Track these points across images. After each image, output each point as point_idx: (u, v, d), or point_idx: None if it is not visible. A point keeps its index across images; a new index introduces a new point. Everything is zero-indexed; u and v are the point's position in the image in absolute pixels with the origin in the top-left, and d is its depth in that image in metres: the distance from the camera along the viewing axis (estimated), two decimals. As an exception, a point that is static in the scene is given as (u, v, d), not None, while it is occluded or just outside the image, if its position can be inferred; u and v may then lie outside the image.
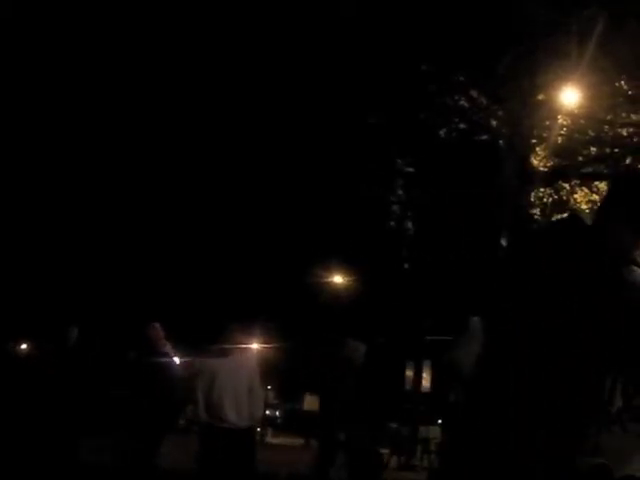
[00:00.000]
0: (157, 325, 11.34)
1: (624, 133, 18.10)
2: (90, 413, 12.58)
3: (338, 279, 32.25)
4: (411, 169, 19.52)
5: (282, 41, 17.58)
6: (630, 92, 17.70)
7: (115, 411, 11.69)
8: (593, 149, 18.35)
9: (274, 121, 18.20)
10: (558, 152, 18.39)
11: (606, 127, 18.11)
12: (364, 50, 17.48)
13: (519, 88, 17.96)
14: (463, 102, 18.53)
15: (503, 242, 18.67)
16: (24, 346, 20.75)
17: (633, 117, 17.98)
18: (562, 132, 18.20)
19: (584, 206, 18.61)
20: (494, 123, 18.59)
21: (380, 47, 17.50)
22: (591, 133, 18.14)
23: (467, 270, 18.35)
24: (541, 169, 18.59)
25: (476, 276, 18.08)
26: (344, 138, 18.14)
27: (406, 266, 22.79)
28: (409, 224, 21.89)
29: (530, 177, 18.61)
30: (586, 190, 18.69)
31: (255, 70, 18.04)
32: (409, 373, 38.11)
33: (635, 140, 18.03)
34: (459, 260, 19.07)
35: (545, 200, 18.97)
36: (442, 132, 18.74)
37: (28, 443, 11.52)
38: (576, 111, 17.94)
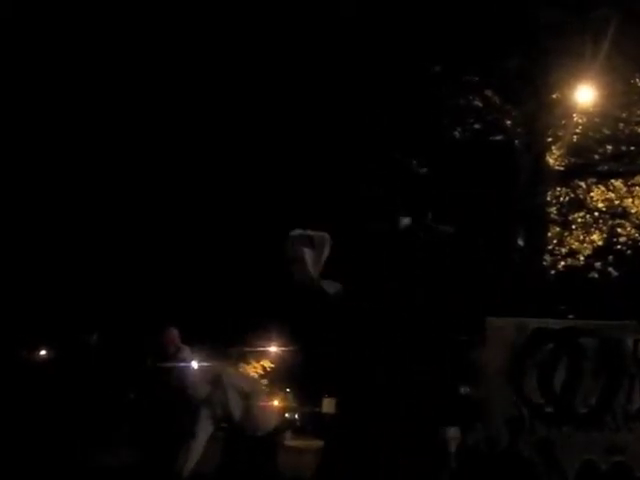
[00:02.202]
0: (174, 330, 11.35)
1: (639, 130, 18.04)
2: (108, 418, 12.63)
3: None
4: (425, 170, 19.47)
5: (291, 41, 17.61)
6: (645, 89, 17.67)
7: (133, 416, 11.71)
8: (609, 147, 18.27)
9: (292, 125, 18.21)
10: (574, 151, 18.33)
11: (621, 125, 18.04)
12: (380, 51, 17.48)
13: (533, 87, 17.92)
14: (477, 102, 18.48)
15: (520, 242, 18.61)
16: (43, 352, 20.81)
17: (649, 115, 17.94)
18: (577, 130, 18.15)
19: (600, 204, 18.56)
20: (509, 123, 18.54)
21: (395, 48, 17.50)
22: (606, 131, 18.06)
23: (483, 271, 18.29)
24: (557, 168, 18.52)
25: (492, 277, 18.03)
26: (356, 139, 18.12)
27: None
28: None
29: (546, 176, 18.55)
30: (602, 188, 18.62)
31: (270, 71, 18.06)
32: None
33: (651, 138, 17.99)
34: (475, 260, 18.99)
35: (561, 199, 18.92)
36: (456, 132, 18.68)
37: (44, 446, 11.57)
38: (591, 109, 17.88)
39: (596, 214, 18.59)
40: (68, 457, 11.66)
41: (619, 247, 18.36)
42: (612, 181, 18.60)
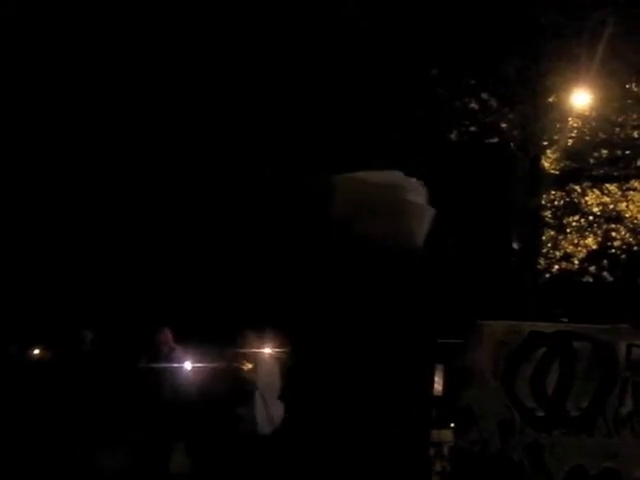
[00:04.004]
0: (167, 330, 11.36)
1: (635, 135, 18.07)
2: (102, 418, 12.60)
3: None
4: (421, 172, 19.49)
5: (289, 42, 17.61)
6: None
7: (127, 416, 11.70)
8: (604, 151, 18.31)
9: (275, 123, 18.20)
10: (569, 154, 18.35)
11: (617, 129, 18.07)
12: (377, 53, 17.48)
13: (530, 91, 17.93)
14: (473, 105, 18.50)
15: (515, 245, 18.62)
16: (37, 351, 20.75)
17: (644, 119, 17.98)
18: (573, 134, 18.17)
19: (595, 208, 18.58)
20: (505, 126, 18.55)
21: (392, 50, 17.50)
22: (602, 135, 18.10)
23: (478, 273, 18.30)
24: (552, 171, 18.54)
25: (487, 279, 18.03)
26: (354, 141, 18.12)
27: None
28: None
29: (541, 180, 18.56)
30: (597, 192, 18.64)
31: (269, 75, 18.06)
32: (421, 376, 38.11)
33: (646, 142, 18.02)
34: (470, 263, 19.03)
35: (556, 203, 18.94)
36: (453, 135, 18.70)
37: (39, 447, 11.53)
38: (587, 113, 17.91)
39: (591, 218, 18.63)
40: (61, 457, 11.64)
41: (613, 251, 18.40)
42: (607, 185, 18.63)
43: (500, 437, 7.25)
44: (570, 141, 18.18)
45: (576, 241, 18.63)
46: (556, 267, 18.57)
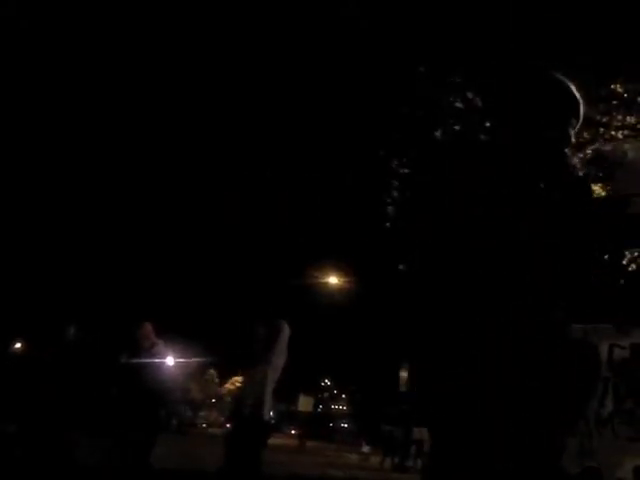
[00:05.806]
0: (149, 325, 11.34)
1: (619, 135, 18.12)
2: (84, 413, 12.60)
3: (333, 280, 32.28)
4: (406, 170, 19.50)
5: (275, 42, 17.62)
6: (626, 95, 17.74)
7: (108, 411, 11.69)
8: (588, 151, 18.35)
9: (271, 123, 18.22)
10: (553, 154, 18.35)
11: (601, 129, 18.12)
12: (360, 50, 17.49)
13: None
14: (459, 104, 18.54)
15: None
16: (18, 345, 20.68)
17: (628, 120, 18.01)
18: (557, 134, 18.16)
19: (579, 208, 18.62)
20: (489, 125, 18.58)
21: (376, 48, 17.52)
22: (586, 135, 18.15)
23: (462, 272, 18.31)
24: (537, 171, 18.53)
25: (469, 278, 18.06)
26: (339, 139, 18.15)
27: (401, 267, 22.74)
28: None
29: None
30: (582, 192, 18.66)
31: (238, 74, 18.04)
32: (403, 374, 38.11)
33: (630, 143, 18.06)
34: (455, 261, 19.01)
35: (541, 202, 18.92)
36: (437, 133, 18.73)
37: (22, 441, 11.51)
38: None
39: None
40: (42, 449, 11.62)
41: (596, 251, 18.43)
42: (591, 185, 18.67)
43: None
44: (555, 141, 18.20)
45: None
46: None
